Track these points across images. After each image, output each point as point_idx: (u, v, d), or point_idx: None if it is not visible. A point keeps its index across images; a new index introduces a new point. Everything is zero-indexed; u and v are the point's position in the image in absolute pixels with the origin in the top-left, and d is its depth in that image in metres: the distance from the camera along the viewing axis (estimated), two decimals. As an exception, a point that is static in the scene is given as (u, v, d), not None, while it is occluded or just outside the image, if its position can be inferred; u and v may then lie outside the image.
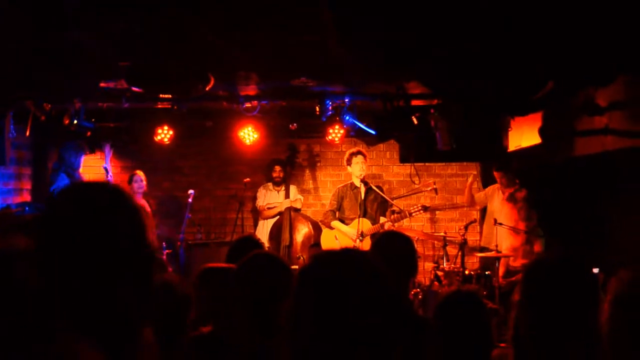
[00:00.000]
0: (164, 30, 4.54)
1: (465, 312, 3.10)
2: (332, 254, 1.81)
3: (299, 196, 9.02)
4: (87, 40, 4.78)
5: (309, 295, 1.70)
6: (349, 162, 8.02)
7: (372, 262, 1.74)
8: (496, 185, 8.28)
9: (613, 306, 2.30)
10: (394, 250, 3.60)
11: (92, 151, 8.37)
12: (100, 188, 1.55)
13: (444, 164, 9.25)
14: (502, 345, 3.83)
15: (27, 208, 8.00)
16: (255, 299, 2.89)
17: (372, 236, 7.70)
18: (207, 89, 5.45)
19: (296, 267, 8.40)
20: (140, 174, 8.41)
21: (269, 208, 8.80)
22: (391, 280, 1.74)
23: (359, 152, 7.98)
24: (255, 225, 9.17)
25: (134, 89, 5.49)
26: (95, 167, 8.70)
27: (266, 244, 8.69)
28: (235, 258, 4.07)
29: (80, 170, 8.11)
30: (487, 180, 8.75)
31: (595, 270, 6.03)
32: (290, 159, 9.03)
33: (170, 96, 6.71)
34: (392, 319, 1.68)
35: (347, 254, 1.78)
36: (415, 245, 8.04)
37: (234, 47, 5.06)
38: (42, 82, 6.35)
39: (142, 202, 8.39)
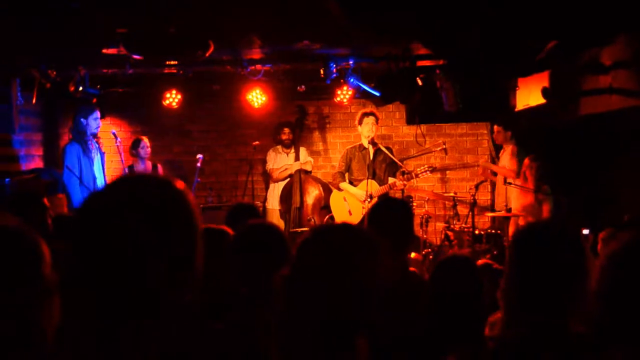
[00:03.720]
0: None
1: (457, 277, 3.12)
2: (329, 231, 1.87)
3: (309, 158, 9.01)
4: (86, 6, 4.75)
5: (302, 271, 1.76)
6: (360, 122, 7.96)
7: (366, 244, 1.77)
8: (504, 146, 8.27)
9: (608, 265, 2.31)
10: (389, 219, 3.58)
11: (102, 116, 8.37)
12: (153, 185, 1.49)
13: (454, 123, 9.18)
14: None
15: (42, 174, 8.08)
16: (250, 267, 2.91)
17: (381, 197, 7.69)
18: (206, 54, 5.40)
19: (307, 229, 8.44)
20: (145, 139, 8.44)
21: (279, 171, 8.81)
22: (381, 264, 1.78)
23: (371, 113, 7.91)
24: (267, 188, 9.20)
25: (134, 55, 5.47)
26: (105, 132, 8.71)
27: (277, 207, 8.74)
28: (231, 225, 4.12)
29: (93, 132, 8.07)
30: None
31: (586, 232, 6.03)
32: (299, 121, 8.99)
33: (174, 62, 6.68)
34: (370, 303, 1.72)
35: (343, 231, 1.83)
36: (426, 206, 8.15)
37: (233, 10, 5.01)
38: (45, 50, 6.35)
39: (148, 166, 8.42)
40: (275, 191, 8.86)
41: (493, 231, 7.64)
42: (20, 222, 1.68)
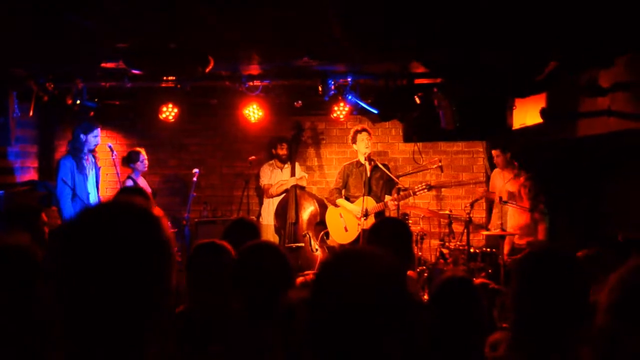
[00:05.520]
0: (161, 10, 4.50)
1: (457, 300, 3.12)
2: (350, 255, 1.84)
3: (304, 174, 9.01)
4: (86, 21, 4.75)
5: (325, 295, 1.72)
6: (354, 140, 7.99)
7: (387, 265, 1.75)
8: (496, 170, 8.29)
9: (617, 290, 2.34)
10: (388, 239, 3.58)
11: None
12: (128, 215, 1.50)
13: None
14: (505, 325, 3.83)
15: (37, 187, 8.05)
16: (253, 289, 2.90)
17: (376, 215, 7.68)
18: (206, 71, 5.41)
19: (302, 244, 8.45)
20: (143, 152, 8.41)
21: (275, 186, 8.78)
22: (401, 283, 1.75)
23: (363, 130, 7.94)
24: (261, 203, 9.18)
25: (133, 71, 5.46)
26: (101, 145, 8.68)
27: (272, 222, 8.72)
28: (230, 242, 4.10)
29: (90, 149, 8.03)
30: (493, 159, 8.71)
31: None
32: (295, 136, 9.00)
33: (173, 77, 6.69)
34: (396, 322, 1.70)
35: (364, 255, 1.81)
36: (421, 223, 8.14)
37: (232, 27, 5.02)
38: (43, 62, 6.34)
39: (143, 180, 8.40)
40: (269, 207, 8.84)
41: (488, 249, 7.64)
42: (28, 239, 1.69)
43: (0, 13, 4.60)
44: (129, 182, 8.11)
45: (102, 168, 8.54)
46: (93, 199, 7.72)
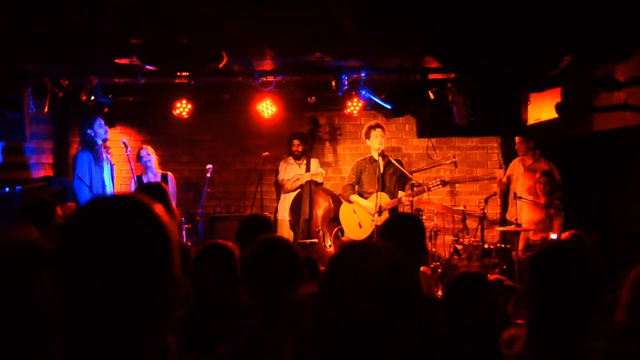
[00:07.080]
0: (174, 6, 4.51)
1: (471, 296, 3.10)
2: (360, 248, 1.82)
3: (321, 170, 8.99)
4: (100, 16, 4.76)
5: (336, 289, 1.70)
6: (367, 136, 7.97)
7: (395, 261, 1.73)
8: (517, 159, 8.22)
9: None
10: (402, 235, 3.56)
11: (112, 125, 8.37)
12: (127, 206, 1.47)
13: (463, 136, 9.16)
14: (520, 321, 3.81)
15: (52, 182, 8.10)
16: (264, 284, 2.90)
17: (390, 211, 7.66)
18: (220, 66, 5.41)
19: (315, 240, 8.44)
20: (146, 148, 8.41)
21: (291, 181, 8.79)
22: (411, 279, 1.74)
23: (377, 125, 7.91)
24: (278, 198, 9.20)
25: (147, 66, 5.48)
26: (115, 141, 8.73)
27: (287, 217, 8.72)
28: (244, 237, 4.11)
29: (104, 138, 8.08)
30: (507, 154, 8.67)
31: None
32: (311, 132, 8.98)
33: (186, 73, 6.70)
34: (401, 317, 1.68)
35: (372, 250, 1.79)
36: (435, 219, 8.11)
37: (246, 21, 5.01)
38: (58, 59, 6.36)
39: (158, 176, 8.39)
40: (286, 202, 8.84)
41: (502, 245, 7.61)
42: (39, 234, 1.69)
43: (13, 10, 4.62)
44: (132, 183, 8.15)
45: (117, 164, 8.59)
46: (109, 191, 7.76)
